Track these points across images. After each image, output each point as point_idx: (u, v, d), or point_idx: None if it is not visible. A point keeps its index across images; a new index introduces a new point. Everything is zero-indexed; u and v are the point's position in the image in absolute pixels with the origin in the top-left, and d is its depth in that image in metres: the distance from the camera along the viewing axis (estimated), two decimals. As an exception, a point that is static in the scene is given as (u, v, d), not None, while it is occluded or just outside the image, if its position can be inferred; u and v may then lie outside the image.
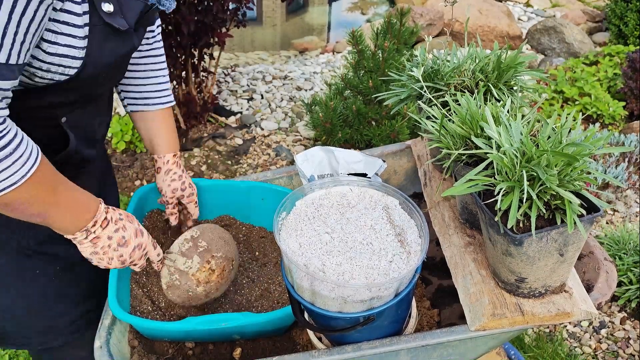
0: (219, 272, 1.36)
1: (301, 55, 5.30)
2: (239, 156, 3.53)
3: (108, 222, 1.15)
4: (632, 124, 3.54)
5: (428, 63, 1.40)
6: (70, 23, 1.00)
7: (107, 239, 1.15)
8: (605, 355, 2.26)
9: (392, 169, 1.72)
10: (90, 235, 1.13)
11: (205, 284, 1.34)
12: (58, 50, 1.00)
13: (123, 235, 1.18)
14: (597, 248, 1.32)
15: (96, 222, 1.13)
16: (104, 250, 1.16)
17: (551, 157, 0.96)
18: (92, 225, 1.12)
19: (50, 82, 1.05)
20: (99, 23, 1.05)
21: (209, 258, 1.34)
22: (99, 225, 1.13)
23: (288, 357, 1.18)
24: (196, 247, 1.34)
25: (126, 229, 1.19)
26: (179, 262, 1.31)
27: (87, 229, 1.12)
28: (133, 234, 1.20)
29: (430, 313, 1.39)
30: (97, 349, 1.26)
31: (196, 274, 1.32)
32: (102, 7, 1.04)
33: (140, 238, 1.22)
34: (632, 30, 4.80)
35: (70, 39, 1.01)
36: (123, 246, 1.18)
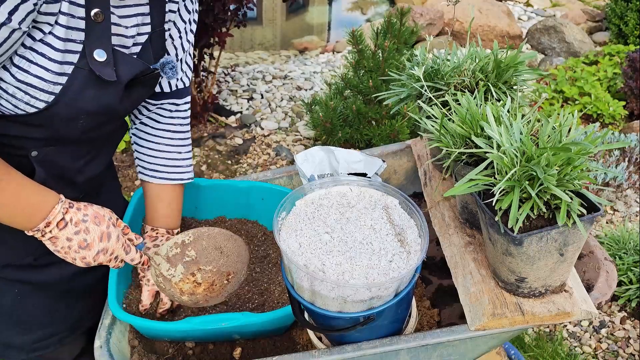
0: (206, 286, 1.28)
1: (301, 55, 5.30)
2: (239, 156, 3.54)
3: (66, 224, 1.11)
4: (632, 124, 3.54)
5: (428, 63, 1.40)
6: (47, 56, 0.99)
7: (66, 240, 1.12)
8: (605, 354, 2.26)
9: (392, 168, 1.72)
10: (46, 234, 1.09)
11: (190, 295, 1.28)
12: (27, 78, 1.00)
13: (85, 238, 1.13)
14: (597, 248, 1.32)
15: (49, 223, 1.09)
16: (64, 251, 1.13)
17: (551, 156, 0.96)
18: (44, 226, 1.08)
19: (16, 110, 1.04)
20: (85, 67, 1.04)
21: (194, 270, 1.28)
22: (54, 226, 1.10)
23: (288, 357, 1.18)
24: (183, 255, 1.28)
25: (89, 231, 1.14)
26: (162, 267, 1.26)
27: (39, 229, 1.08)
28: (97, 237, 1.15)
29: (430, 313, 1.39)
30: (97, 349, 1.26)
31: (179, 284, 1.27)
32: (93, 55, 1.04)
33: (105, 242, 1.17)
34: (632, 29, 4.80)
35: (42, 71, 1.00)
36: (85, 249, 1.14)
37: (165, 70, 1.20)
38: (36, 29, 0.97)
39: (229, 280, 1.31)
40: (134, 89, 1.19)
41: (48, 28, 0.98)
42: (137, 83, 1.18)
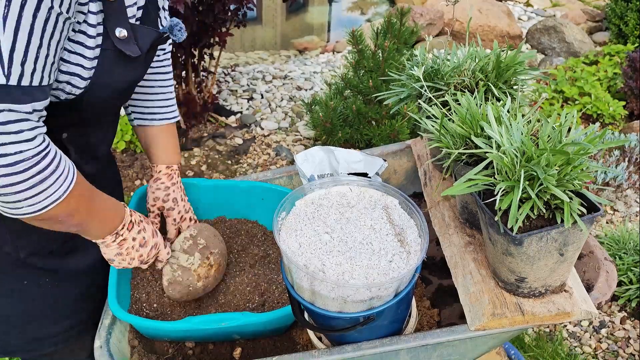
0: (216, 267, 1.42)
1: (301, 55, 5.30)
2: (239, 156, 3.54)
3: (133, 225, 1.22)
4: (632, 124, 3.53)
5: (428, 63, 1.40)
6: (83, 44, 1.02)
7: (132, 240, 1.22)
8: (605, 354, 2.26)
9: (392, 168, 1.72)
10: (118, 237, 1.19)
11: (205, 278, 1.39)
12: (69, 68, 1.03)
13: (144, 236, 1.25)
14: (597, 248, 1.32)
15: (124, 225, 1.20)
16: (127, 251, 1.22)
17: (551, 156, 0.96)
18: (121, 229, 1.19)
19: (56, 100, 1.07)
20: (111, 47, 1.06)
21: (207, 254, 1.40)
22: (126, 228, 1.20)
23: (288, 357, 1.18)
24: (196, 245, 1.39)
25: (146, 230, 1.26)
26: (181, 259, 1.37)
27: (117, 232, 1.19)
28: (151, 234, 1.28)
29: (430, 313, 1.39)
30: (97, 349, 1.26)
31: (197, 270, 1.37)
32: (115, 32, 1.05)
33: (156, 238, 1.29)
34: (632, 29, 4.80)
35: (80, 59, 1.03)
36: (143, 246, 1.25)
37: (174, 32, 1.22)
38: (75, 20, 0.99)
39: (225, 260, 1.48)
40: (148, 55, 1.22)
41: (82, 17, 1.00)
42: (151, 49, 1.20)
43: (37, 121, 0.94)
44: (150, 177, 1.48)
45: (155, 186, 1.46)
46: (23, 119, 0.91)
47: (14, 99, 0.89)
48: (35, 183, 0.94)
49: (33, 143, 0.93)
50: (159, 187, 1.46)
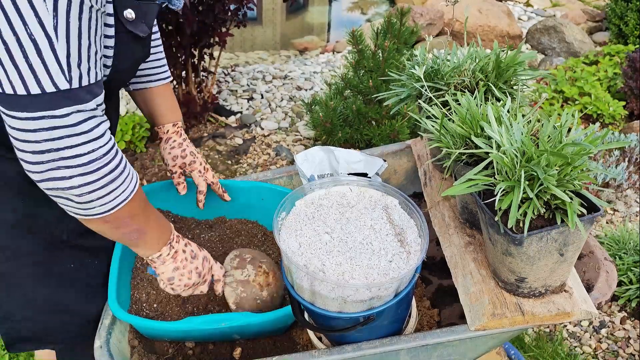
0: (272, 274, 1.40)
1: (301, 55, 5.30)
2: (239, 156, 3.53)
3: (179, 238, 1.23)
4: (632, 124, 3.53)
5: (428, 63, 1.40)
6: (106, 34, 1.04)
7: (183, 252, 1.22)
8: (605, 354, 2.26)
9: (392, 168, 1.72)
10: (172, 250, 1.20)
11: (267, 286, 1.38)
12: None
13: (192, 249, 1.25)
14: (597, 248, 1.32)
15: (174, 236, 1.21)
16: (183, 264, 1.22)
17: (551, 156, 0.96)
18: (173, 239, 1.20)
19: None
20: (122, 30, 1.08)
21: (258, 264, 1.39)
22: (175, 241, 1.21)
23: (288, 357, 1.18)
24: (244, 260, 1.39)
25: (190, 243, 1.26)
26: (237, 275, 1.35)
27: (171, 243, 1.20)
28: (197, 247, 1.28)
29: (430, 313, 1.39)
30: (97, 349, 1.26)
31: (256, 279, 1.36)
32: (124, 14, 1.06)
33: (203, 251, 1.29)
34: (632, 29, 4.80)
35: (104, 50, 1.05)
36: (195, 258, 1.25)
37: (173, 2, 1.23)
38: None
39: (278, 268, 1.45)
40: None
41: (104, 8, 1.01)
42: None
43: (102, 115, 0.97)
44: (159, 140, 1.50)
45: (169, 146, 1.48)
46: (90, 117, 0.94)
47: (79, 99, 0.92)
48: (107, 182, 0.97)
49: (103, 140, 0.96)
50: (173, 145, 1.48)
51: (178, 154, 1.48)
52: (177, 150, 1.48)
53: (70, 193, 0.95)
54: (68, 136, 0.91)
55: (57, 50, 0.87)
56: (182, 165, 1.49)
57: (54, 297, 1.33)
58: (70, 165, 0.92)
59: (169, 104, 1.49)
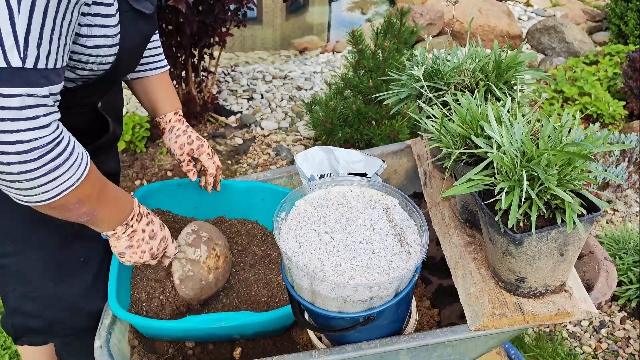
0: (223, 258, 1.41)
1: (301, 55, 5.30)
2: (239, 156, 3.53)
3: (142, 216, 1.22)
4: (632, 124, 3.53)
5: (428, 63, 1.40)
6: (102, 14, 1.02)
7: (142, 232, 1.21)
8: (605, 354, 2.25)
9: (392, 168, 1.72)
10: (128, 229, 1.18)
11: (215, 270, 1.39)
12: (95, 42, 1.03)
13: (152, 228, 1.24)
14: (597, 247, 1.32)
15: (134, 215, 1.19)
16: (138, 244, 1.21)
17: (551, 156, 0.96)
18: (131, 219, 1.18)
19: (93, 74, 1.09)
20: (127, 9, 1.07)
21: (213, 245, 1.40)
22: (135, 219, 1.19)
23: (288, 356, 1.18)
24: (200, 238, 1.39)
25: (154, 222, 1.25)
26: (189, 253, 1.36)
27: (127, 222, 1.17)
28: (159, 227, 1.27)
29: (430, 313, 1.39)
30: (97, 349, 1.26)
31: (207, 261, 1.37)
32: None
33: (164, 231, 1.28)
34: (632, 29, 4.80)
35: (104, 29, 1.04)
36: (153, 239, 1.24)
37: None
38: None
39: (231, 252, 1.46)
40: None
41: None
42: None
43: (52, 106, 0.94)
44: (162, 130, 1.49)
45: (175, 135, 1.47)
46: (39, 104, 0.90)
47: (31, 82, 0.88)
48: (49, 170, 0.94)
49: (48, 129, 0.92)
50: (177, 134, 1.47)
51: (184, 141, 1.47)
52: (183, 138, 1.47)
53: (9, 179, 0.91)
54: (10, 119, 0.86)
55: (16, 24, 0.83)
56: (189, 152, 1.49)
57: (63, 291, 1.34)
58: (9, 152, 0.88)
59: (168, 92, 1.49)
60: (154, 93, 1.47)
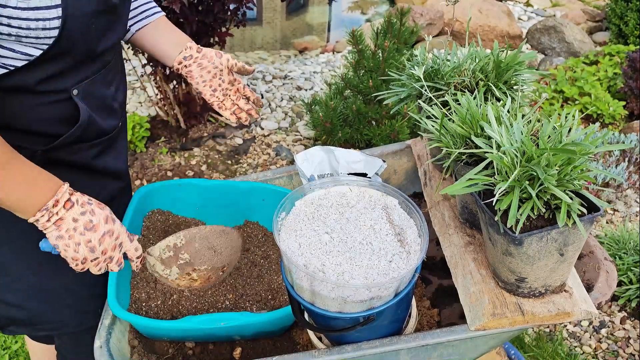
0: (202, 280, 1.29)
1: (301, 55, 5.30)
2: (239, 156, 3.53)
3: (73, 204, 1.10)
4: (632, 124, 3.53)
5: (428, 62, 1.40)
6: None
7: (72, 221, 1.09)
8: (605, 354, 2.25)
9: (392, 168, 1.72)
10: (53, 217, 1.07)
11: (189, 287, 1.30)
12: (30, 3, 0.99)
13: (91, 219, 1.11)
14: (597, 248, 1.32)
15: (57, 201, 1.07)
16: (69, 234, 1.09)
17: (551, 156, 0.96)
18: (52, 205, 1.06)
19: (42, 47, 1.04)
20: None
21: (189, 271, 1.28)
22: (61, 206, 1.08)
23: (288, 357, 1.18)
24: (176, 259, 1.27)
25: (94, 213, 1.12)
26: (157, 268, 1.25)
27: (47, 208, 1.06)
28: (103, 219, 1.14)
29: (430, 313, 1.39)
30: (97, 349, 1.26)
31: (176, 281, 1.27)
32: None
33: (111, 225, 1.15)
34: (632, 29, 4.80)
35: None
36: (91, 230, 1.11)
37: None
38: None
39: (224, 271, 1.33)
40: None
41: None
42: None
43: None
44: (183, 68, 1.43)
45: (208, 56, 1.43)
46: None
47: None
48: None
49: None
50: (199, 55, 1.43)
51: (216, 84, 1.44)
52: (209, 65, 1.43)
53: None
54: None
55: None
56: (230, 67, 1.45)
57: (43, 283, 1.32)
58: None
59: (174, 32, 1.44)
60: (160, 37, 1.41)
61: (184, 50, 1.43)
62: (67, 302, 1.36)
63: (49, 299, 1.35)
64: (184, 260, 1.27)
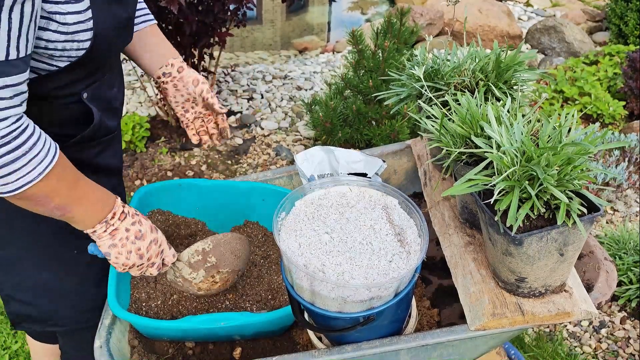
0: (221, 283, 1.37)
1: (301, 55, 5.30)
2: (239, 156, 3.53)
3: (126, 215, 1.18)
4: (632, 124, 3.53)
5: (428, 63, 1.40)
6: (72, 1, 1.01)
7: (125, 231, 1.18)
8: (605, 354, 2.25)
9: (392, 168, 1.72)
10: (109, 227, 1.15)
11: (206, 290, 1.36)
12: (69, 29, 1.03)
13: (140, 229, 1.20)
14: (597, 248, 1.32)
15: (114, 214, 1.16)
16: (122, 243, 1.17)
17: (551, 156, 0.96)
18: (110, 217, 1.15)
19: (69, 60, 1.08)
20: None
21: (214, 273, 1.34)
22: (117, 218, 1.16)
23: (288, 357, 1.18)
24: (205, 262, 1.33)
25: (142, 223, 1.22)
26: (184, 272, 1.32)
27: (107, 220, 1.14)
28: (149, 228, 1.23)
29: (430, 313, 1.39)
30: (97, 349, 1.26)
31: (199, 284, 1.34)
32: None
33: (155, 233, 1.24)
34: (632, 29, 4.80)
35: (77, 16, 1.03)
36: (140, 239, 1.20)
37: None
38: None
39: (239, 275, 1.41)
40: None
41: None
42: None
43: (11, 98, 0.94)
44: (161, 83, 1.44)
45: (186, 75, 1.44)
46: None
47: None
48: (6, 162, 0.94)
49: (3, 123, 0.93)
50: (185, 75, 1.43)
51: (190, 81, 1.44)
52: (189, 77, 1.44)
53: None
54: None
55: None
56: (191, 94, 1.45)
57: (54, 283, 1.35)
58: None
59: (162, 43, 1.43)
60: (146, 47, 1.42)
61: (164, 67, 1.43)
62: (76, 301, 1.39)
63: (58, 297, 1.38)
64: (210, 263, 1.34)
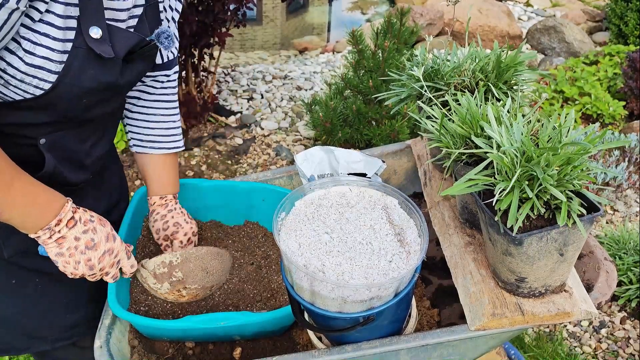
0: (189, 297, 1.35)
1: (301, 55, 5.31)
2: (239, 156, 3.54)
3: (76, 223, 1.11)
4: (632, 124, 3.53)
5: (428, 63, 1.40)
6: (50, 35, 0.98)
7: (74, 239, 1.10)
8: (605, 354, 2.26)
9: (392, 168, 1.72)
10: (54, 234, 1.08)
11: (175, 301, 1.36)
12: (34, 61, 0.99)
13: (92, 238, 1.13)
14: (597, 248, 1.32)
15: (60, 220, 1.08)
16: (70, 252, 1.11)
17: (551, 156, 0.96)
18: (55, 224, 1.07)
19: (24, 95, 1.04)
20: (83, 46, 1.03)
21: (180, 288, 1.32)
22: (64, 225, 1.09)
23: (288, 357, 1.18)
24: (170, 276, 1.30)
25: (96, 231, 1.14)
26: (149, 280, 1.30)
27: (50, 227, 1.07)
28: (104, 237, 1.15)
29: (430, 313, 1.39)
30: (97, 349, 1.26)
31: (165, 295, 1.33)
32: (89, 32, 1.02)
33: (111, 242, 1.17)
34: (632, 29, 4.80)
35: (48, 52, 0.99)
36: (92, 249, 1.13)
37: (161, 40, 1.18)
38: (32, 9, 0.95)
39: (212, 290, 1.39)
40: (134, 63, 1.18)
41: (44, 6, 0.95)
42: (137, 56, 1.17)
43: None
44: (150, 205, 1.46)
45: (153, 219, 1.45)
46: None
47: None
48: None
49: None
50: (155, 218, 1.45)
51: (160, 227, 1.44)
52: (159, 223, 1.44)
53: None
54: None
55: None
56: (165, 238, 1.46)
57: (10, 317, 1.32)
58: None
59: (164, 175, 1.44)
60: (149, 172, 1.44)
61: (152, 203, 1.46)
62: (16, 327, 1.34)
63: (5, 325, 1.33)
64: (176, 278, 1.31)
